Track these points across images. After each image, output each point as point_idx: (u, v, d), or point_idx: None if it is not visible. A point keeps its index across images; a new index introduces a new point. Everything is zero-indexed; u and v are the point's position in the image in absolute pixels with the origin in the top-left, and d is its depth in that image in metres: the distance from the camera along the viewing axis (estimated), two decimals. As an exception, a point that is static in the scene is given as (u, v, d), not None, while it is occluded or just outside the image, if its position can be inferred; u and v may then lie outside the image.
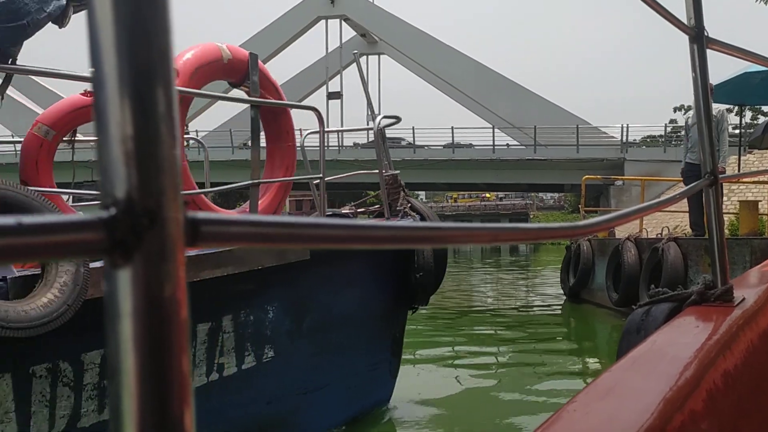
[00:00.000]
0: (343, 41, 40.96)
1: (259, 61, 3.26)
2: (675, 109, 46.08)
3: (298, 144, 4.21)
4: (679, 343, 1.12)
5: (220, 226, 0.36)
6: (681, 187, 12.94)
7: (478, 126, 34.35)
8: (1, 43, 2.63)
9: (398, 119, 4.47)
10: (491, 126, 32.55)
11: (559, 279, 11.33)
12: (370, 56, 42.90)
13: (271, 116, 3.46)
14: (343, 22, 39.67)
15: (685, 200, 6.53)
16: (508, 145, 32.95)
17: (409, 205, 4.41)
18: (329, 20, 39.62)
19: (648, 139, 30.79)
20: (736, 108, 10.69)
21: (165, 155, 0.30)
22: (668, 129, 32.83)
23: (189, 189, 3.14)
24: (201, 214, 0.34)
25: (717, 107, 7.34)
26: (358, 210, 5.01)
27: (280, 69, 33.23)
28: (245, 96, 3.33)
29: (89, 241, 0.29)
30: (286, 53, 38.53)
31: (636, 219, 3.05)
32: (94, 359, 2.49)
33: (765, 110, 22.57)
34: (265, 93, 3.27)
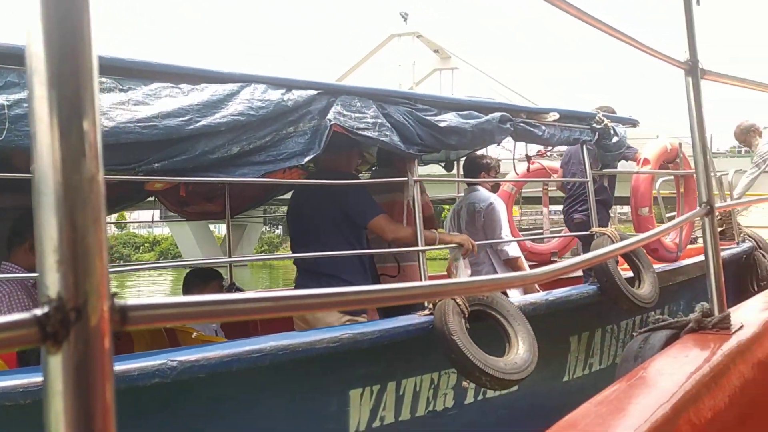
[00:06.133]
0: (416, 57, 41.85)
1: (682, 150, 5.01)
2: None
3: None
4: (671, 370, 1.17)
5: (147, 311, 0.48)
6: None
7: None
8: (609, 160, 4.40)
9: None
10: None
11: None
12: (443, 71, 43.74)
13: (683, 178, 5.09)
14: (416, 39, 40.58)
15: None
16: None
17: (744, 233, 6.02)
18: (402, 37, 40.58)
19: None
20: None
21: (92, 262, 0.41)
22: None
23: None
24: (130, 302, 0.46)
25: None
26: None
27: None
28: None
29: (25, 335, 0.40)
30: (360, 72, 39.74)
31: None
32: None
33: None
34: (684, 165, 5.03)
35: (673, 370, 1.15)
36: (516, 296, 3.84)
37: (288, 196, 4.86)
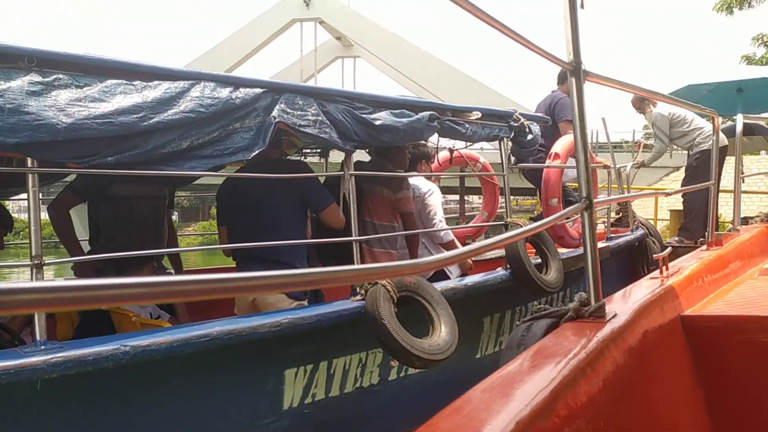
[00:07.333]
0: (318, 44, 41.76)
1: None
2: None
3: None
4: (550, 357, 1.21)
5: (2, 296, 0.43)
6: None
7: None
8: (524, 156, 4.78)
9: None
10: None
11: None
12: (345, 59, 43.89)
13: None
14: (318, 25, 40.45)
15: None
16: (482, 148, 34.23)
17: (638, 221, 6.65)
18: (304, 23, 40.32)
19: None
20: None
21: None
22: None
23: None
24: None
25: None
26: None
27: (255, 72, 34.16)
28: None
29: None
30: (261, 55, 39.20)
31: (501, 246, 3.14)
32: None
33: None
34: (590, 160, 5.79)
35: (552, 357, 1.20)
36: (456, 272, 4.32)
37: (203, 181, 4.93)
